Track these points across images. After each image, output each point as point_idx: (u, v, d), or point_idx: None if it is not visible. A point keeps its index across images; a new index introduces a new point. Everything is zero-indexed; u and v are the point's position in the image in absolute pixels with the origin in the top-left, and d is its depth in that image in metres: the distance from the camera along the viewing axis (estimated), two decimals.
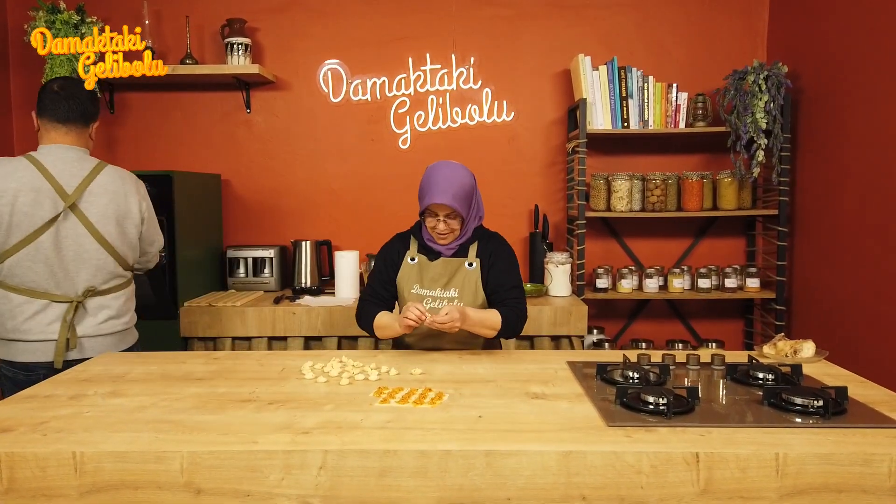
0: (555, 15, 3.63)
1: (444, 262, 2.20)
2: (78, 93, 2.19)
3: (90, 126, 2.25)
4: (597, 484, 1.31)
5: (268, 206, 3.74)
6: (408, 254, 2.25)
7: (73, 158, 2.16)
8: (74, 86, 2.22)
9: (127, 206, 2.22)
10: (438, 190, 2.07)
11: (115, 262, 2.20)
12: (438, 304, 2.18)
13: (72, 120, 2.16)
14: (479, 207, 2.26)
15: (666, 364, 1.80)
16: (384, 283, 2.27)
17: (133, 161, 3.70)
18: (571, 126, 3.57)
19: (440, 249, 2.21)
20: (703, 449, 1.31)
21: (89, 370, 1.94)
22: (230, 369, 1.94)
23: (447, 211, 2.11)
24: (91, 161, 2.21)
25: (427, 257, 2.22)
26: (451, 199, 2.07)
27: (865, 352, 2.79)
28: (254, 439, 1.37)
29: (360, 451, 1.33)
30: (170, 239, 3.08)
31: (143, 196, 2.32)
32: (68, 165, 2.13)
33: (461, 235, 2.20)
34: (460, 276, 2.19)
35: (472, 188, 2.16)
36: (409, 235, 2.30)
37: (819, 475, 1.30)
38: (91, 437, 1.39)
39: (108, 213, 2.17)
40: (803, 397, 1.52)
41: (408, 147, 3.69)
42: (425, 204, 2.11)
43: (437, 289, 2.20)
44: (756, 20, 3.60)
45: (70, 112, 2.15)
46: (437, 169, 2.14)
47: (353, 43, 3.66)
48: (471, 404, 1.60)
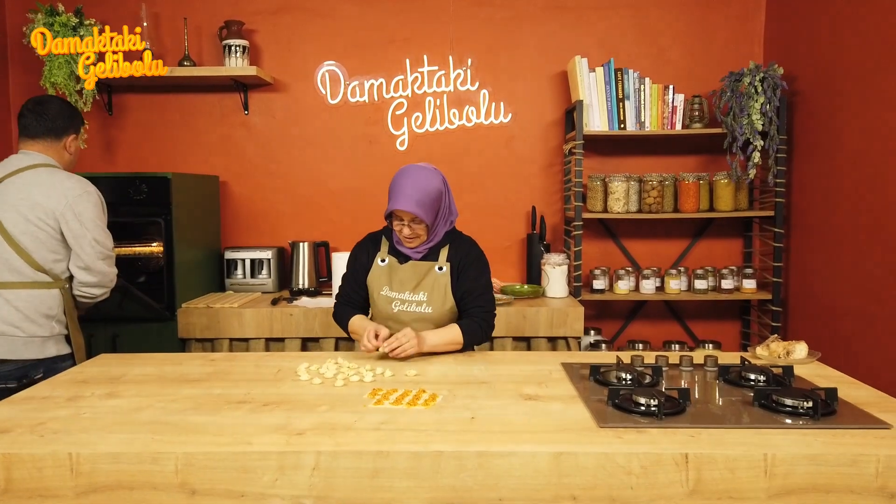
0: (552, 17, 3.65)
1: (413, 266, 2.20)
2: (48, 110, 2.32)
3: (63, 139, 2.36)
4: (587, 485, 1.32)
5: (266, 207, 3.76)
6: (378, 255, 2.25)
7: (18, 159, 2.28)
8: (47, 104, 2.34)
9: (44, 205, 2.19)
10: (403, 196, 2.07)
11: (17, 255, 2.18)
12: (407, 307, 2.19)
13: (40, 135, 2.32)
14: (451, 211, 2.24)
15: (659, 366, 1.81)
16: (355, 287, 2.28)
17: (131, 163, 3.72)
18: (568, 128, 3.58)
19: (409, 253, 2.22)
20: (692, 450, 1.33)
21: (86, 371, 1.96)
22: (226, 371, 1.95)
23: (411, 216, 2.11)
24: (29, 161, 2.28)
25: (397, 260, 2.23)
26: (414, 205, 2.06)
27: (861, 352, 2.80)
28: (248, 440, 1.39)
29: (354, 453, 1.34)
30: (168, 240, 3.09)
31: (75, 204, 2.23)
32: (7, 164, 2.28)
33: (430, 239, 2.20)
34: (429, 280, 2.19)
35: (439, 193, 2.14)
36: (381, 236, 2.30)
37: (807, 476, 1.32)
38: (88, 437, 1.40)
39: (17, 204, 2.19)
40: (793, 398, 1.53)
41: (405, 148, 3.71)
42: (390, 209, 2.12)
43: (405, 292, 2.20)
44: (752, 22, 3.62)
45: (37, 129, 2.31)
46: (404, 174, 2.14)
47: (351, 45, 3.67)
48: (464, 406, 1.61)
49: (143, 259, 3.23)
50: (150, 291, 3.03)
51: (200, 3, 3.64)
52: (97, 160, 3.72)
